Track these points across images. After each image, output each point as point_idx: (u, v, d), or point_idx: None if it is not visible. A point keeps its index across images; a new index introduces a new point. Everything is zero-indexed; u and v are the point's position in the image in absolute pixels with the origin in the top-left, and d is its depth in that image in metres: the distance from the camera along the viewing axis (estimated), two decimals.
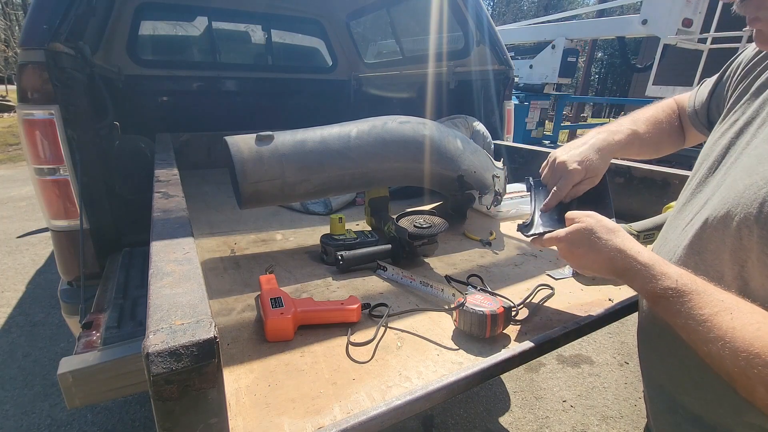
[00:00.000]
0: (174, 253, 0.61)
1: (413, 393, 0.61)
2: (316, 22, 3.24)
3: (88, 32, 1.60)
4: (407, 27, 2.85)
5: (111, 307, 1.04)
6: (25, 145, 1.21)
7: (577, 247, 0.65)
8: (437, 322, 0.83)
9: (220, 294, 0.94)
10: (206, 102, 2.87)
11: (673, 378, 0.63)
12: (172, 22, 2.90)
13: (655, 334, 0.65)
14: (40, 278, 3.02)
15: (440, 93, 2.38)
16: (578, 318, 0.84)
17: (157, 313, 0.45)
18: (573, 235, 0.66)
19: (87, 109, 1.36)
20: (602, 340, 2.39)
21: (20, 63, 1.16)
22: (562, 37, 5.91)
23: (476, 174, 1.35)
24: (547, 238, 0.75)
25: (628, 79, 17.62)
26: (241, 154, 1.08)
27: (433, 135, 1.28)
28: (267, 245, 1.26)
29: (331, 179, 1.18)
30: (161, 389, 0.40)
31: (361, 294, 0.96)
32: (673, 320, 0.50)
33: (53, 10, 1.18)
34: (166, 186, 0.99)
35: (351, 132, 1.20)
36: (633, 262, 0.57)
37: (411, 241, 1.10)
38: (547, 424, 1.79)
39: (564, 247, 0.69)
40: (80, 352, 0.84)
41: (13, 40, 15.34)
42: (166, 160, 1.31)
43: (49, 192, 1.24)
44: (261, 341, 0.76)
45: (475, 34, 2.09)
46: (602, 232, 0.62)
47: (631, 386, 2.02)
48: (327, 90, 3.34)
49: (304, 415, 0.58)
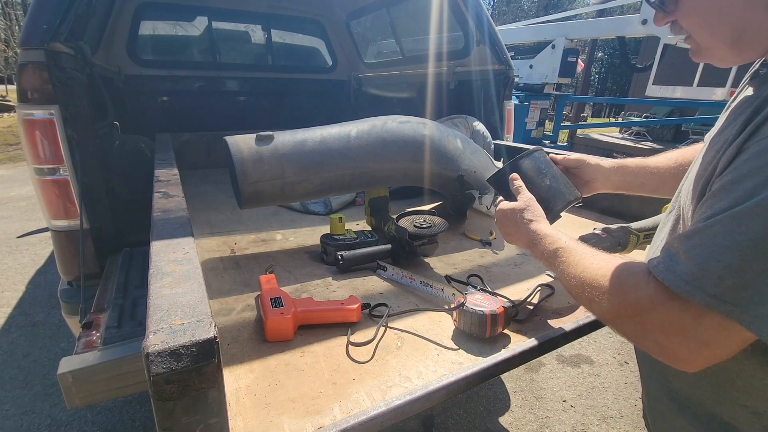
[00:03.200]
0: (174, 253, 0.61)
1: (413, 393, 0.61)
2: (316, 22, 3.24)
3: (88, 32, 1.60)
4: (407, 27, 2.85)
5: (111, 307, 1.04)
6: (25, 145, 1.21)
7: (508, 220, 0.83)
8: (437, 322, 0.83)
9: (220, 294, 0.94)
10: (206, 102, 2.87)
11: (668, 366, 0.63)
12: (172, 22, 2.90)
13: None
14: (40, 278, 3.02)
15: (440, 93, 2.38)
16: (578, 318, 0.84)
17: (157, 313, 0.45)
18: (506, 212, 0.83)
19: (87, 109, 1.36)
20: (602, 340, 2.39)
21: (20, 63, 1.16)
22: (562, 37, 5.90)
23: (476, 174, 1.35)
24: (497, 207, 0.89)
25: (628, 79, 17.61)
26: (241, 154, 1.08)
27: (433, 135, 1.28)
28: (267, 245, 1.26)
29: (331, 179, 1.18)
30: (161, 389, 0.40)
31: (361, 294, 0.96)
32: (557, 270, 0.68)
33: (53, 10, 1.18)
34: (166, 186, 0.99)
35: (351, 132, 1.20)
36: (539, 237, 0.74)
37: (411, 241, 1.10)
38: (547, 424, 1.79)
39: (500, 217, 0.85)
40: (80, 352, 0.84)
41: (13, 40, 15.34)
42: (166, 160, 1.31)
43: (49, 192, 1.24)
44: (261, 341, 0.76)
45: (475, 33, 2.09)
46: (528, 214, 0.79)
47: (631, 386, 2.02)
48: (327, 90, 3.34)
49: (304, 415, 0.58)
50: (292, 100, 3.14)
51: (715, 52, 0.55)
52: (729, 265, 0.41)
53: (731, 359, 0.46)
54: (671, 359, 0.49)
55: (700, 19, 0.54)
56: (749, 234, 0.40)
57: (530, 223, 0.78)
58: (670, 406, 0.64)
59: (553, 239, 0.71)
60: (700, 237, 0.44)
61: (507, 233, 0.85)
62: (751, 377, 0.51)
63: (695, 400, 0.59)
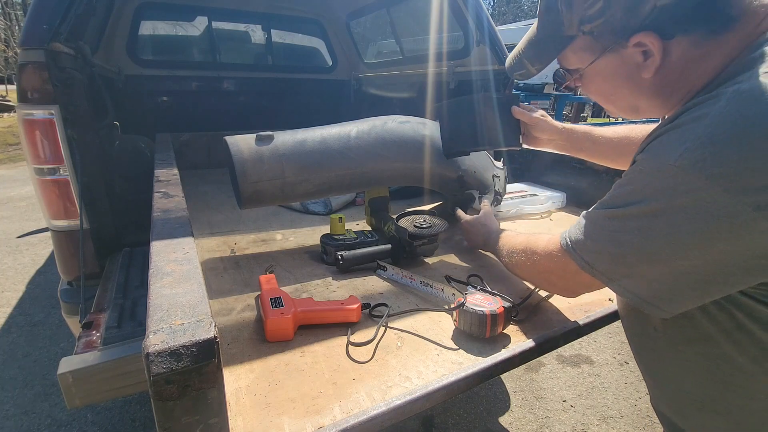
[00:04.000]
0: (174, 253, 0.61)
1: (413, 393, 0.61)
2: (316, 22, 3.24)
3: (88, 32, 1.60)
4: (407, 27, 2.85)
5: (111, 307, 1.04)
6: (25, 145, 1.21)
7: (471, 227, 1.14)
8: (437, 322, 0.83)
9: (220, 294, 0.94)
10: (206, 102, 2.87)
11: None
12: (172, 22, 2.90)
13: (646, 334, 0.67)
14: (40, 278, 3.02)
15: (440, 93, 2.37)
16: (578, 318, 0.84)
17: (157, 313, 0.45)
18: (469, 221, 1.15)
19: (87, 109, 1.35)
20: (602, 340, 2.39)
21: (20, 63, 1.16)
22: None
23: (476, 174, 1.35)
24: (461, 220, 1.20)
25: None
26: (241, 154, 1.08)
27: (433, 135, 1.28)
28: (267, 245, 1.26)
29: (332, 179, 1.17)
30: (161, 389, 0.40)
31: (361, 294, 0.96)
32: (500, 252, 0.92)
33: (53, 10, 1.18)
34: (166, 186, 0.99)
35: (351, 132, 1.20)
36: (491, 237, 1.00)
37: (411, 241, 1.10)
38: (547, 424, 1.79)
39: (466, 225, 1.17)
40: (80, 352, 0.84)
41: (13, 40, 15.33)
42: (166, 160, 1.31)
43: (49, 192, 1.24)
44: (261, 341, 0.76)
45: (475, 34, 2.08)
46: (487, 223, 1.09)
47: (631, 386, 2.02)
48: (327, 90, 3.34)
49: (304, 415, 0.58)
50: (292, 100, 3.14)
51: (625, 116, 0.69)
52: (596, 242, 0.60)
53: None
54: (557, 292, 0.78)
55: (600, 99, 0.69)
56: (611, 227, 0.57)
57: (484, 227, 1.08)
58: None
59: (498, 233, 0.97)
60: (587, 217, 0.62)
61: (469, 239, 1.17)
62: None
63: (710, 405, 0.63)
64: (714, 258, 0.48)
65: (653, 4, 0.53)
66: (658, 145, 0.53)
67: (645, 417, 1.82)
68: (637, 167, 0.55)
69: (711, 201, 0.45)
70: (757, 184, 0.43)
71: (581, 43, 0.63)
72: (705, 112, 0.48)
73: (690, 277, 0.50)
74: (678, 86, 0.57)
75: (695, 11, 0.52)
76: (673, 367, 0.62)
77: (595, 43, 0.61)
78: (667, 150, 0.50)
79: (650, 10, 0.54)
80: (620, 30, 0.57)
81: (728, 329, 0.53)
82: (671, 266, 0.51)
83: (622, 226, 0.55)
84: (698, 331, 0.56)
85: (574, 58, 0.65)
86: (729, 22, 0.52)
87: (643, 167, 0.53)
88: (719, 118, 0.46)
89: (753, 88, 0.45)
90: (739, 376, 0.54)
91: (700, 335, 0.56)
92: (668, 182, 0.49)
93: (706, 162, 0.45)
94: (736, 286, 0.49)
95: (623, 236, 0.55)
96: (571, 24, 0.61)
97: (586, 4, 0.58)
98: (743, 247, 0.46)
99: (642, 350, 0.69)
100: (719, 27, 0.52)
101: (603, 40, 0.60)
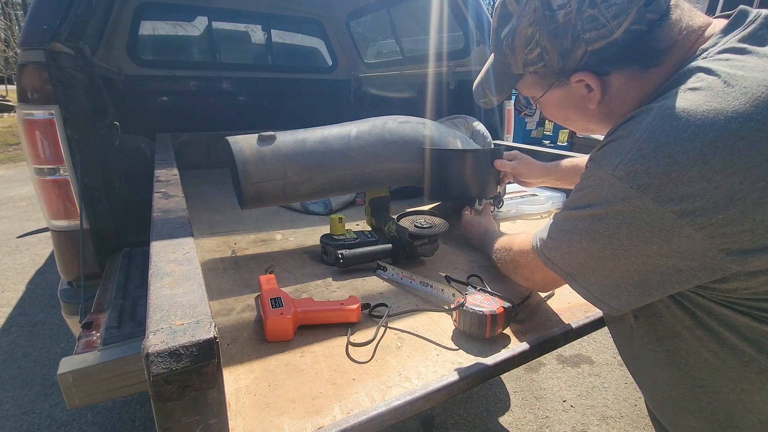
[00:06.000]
0: (174, 253, 0.61)
1: (413, 393, 0.61)
2: (316, 22, 3.24)
3: (88, 32, 1.60)
4: (407, 27, 2.85)
5: (111, 307, 1.04)
6: (25, 145, 1.21)
7: (471, 226, 1.21)
8: (437, 322, 0.83)
9: (220, 294, 0.94)
10: (206, 102, 2.87)
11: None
12: (172, 22, 2.90)
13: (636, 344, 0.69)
14: (40, 278, 3.02)
15: (440, 93, 2.37)
16: (578, 318, 0.84)
17: (157, 313, 0.45)
18: (470, 220, 1.23)
19: (87, 109, 1.36)
20: (602, 340, 2.39)
21: (20, 63, 1.16)
22: None
23: None
24: (464, 218, 1.27)
25: None
26: (243, 154, 1.08)
27: (433, 135, 1.28)
28: (267, 245, 1.26)
29: (333, 179, 1.17)
30: (161, 389, 0.40)
31: (361, 294, 0.96)
32: (489, 254, 1.02)
33: (53, 10, 1.18)
34: (166, 186, 0.99)
35: (351, 132, 1.20)
36: (488, 237, 1.08)
37: (411, 241, 1.10)
38: (547, 424, 1.79)
39: (465, 223, 1.24)
40: (80, 352, 0.84)
41: (13, 40, 15.33)
42: (166, 160, 1.31)
43: (49, 192, 1.24)
44: (261, 341, 0.76)
45: (475, 34, 2.09)
46: (486, 224, 1.17)
47: (631, 386, 2.02)
48: (327, 90, 3.34)
49: (304, 415, 0.58)
50: (292, 100, 3.14)
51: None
52: (554, 241, 0.66)
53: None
54: (530, 286, 0.86)
55: (558, 122, 0.75)
56: (565, 227, 0.63)
57: (482, 227, 1.17)
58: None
59: (493, 236, 1.04)
60: (554, 217, 0.68)
61: (468, 237, 1.23)
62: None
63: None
64: (651, 260, 0.52)
65: (584, 49, 0.58)
66: (601, 156, 0.57)
67: (645, 417, 1.82)
68: (585, 174, 0.60)
69: (643, 208, 0.50)
70: (679, 194, 0.47)
71: (530, 80, 0.70)
72: (635, 127, 0.53)
73: (631, 275, 0.55)
74: (622, 110, 0.63)
75: (625, 52, 0.57)
76: (648, 366, 0.65)
77: (542, 81, 0.67)
78: (608, 160, 0.55)
79: (583, 54, 0.59)
80: (560, 71, 0.63)
81: (690, 326, 0.56)
82: (614, 265, 0.56)
83: (573, 226, 0.61)
84: (666, 329, 0.59)
85: (528, 90, 0.73)
86: (660, 56, 0.57)
87: (589, 174, 0.59)
88: (646, 134, 0.51)
89: (673, 105, 0.50)
90: (706, 371, 0.56)
91: (669, 332, 0.59)
92: (608, 190, 0.54)
93: (637, 173, 0.50)
94: (674, 287, 0.53)
95: (574, 236, 0.60)
96: (516, 66, 0.68)
97: (526, 50, 0.64)
98: (673, 251, 0.50)
99: (623, 350, 0.72)
100: (651, 61, 0.57)
101: (548, 79, 0.66)
